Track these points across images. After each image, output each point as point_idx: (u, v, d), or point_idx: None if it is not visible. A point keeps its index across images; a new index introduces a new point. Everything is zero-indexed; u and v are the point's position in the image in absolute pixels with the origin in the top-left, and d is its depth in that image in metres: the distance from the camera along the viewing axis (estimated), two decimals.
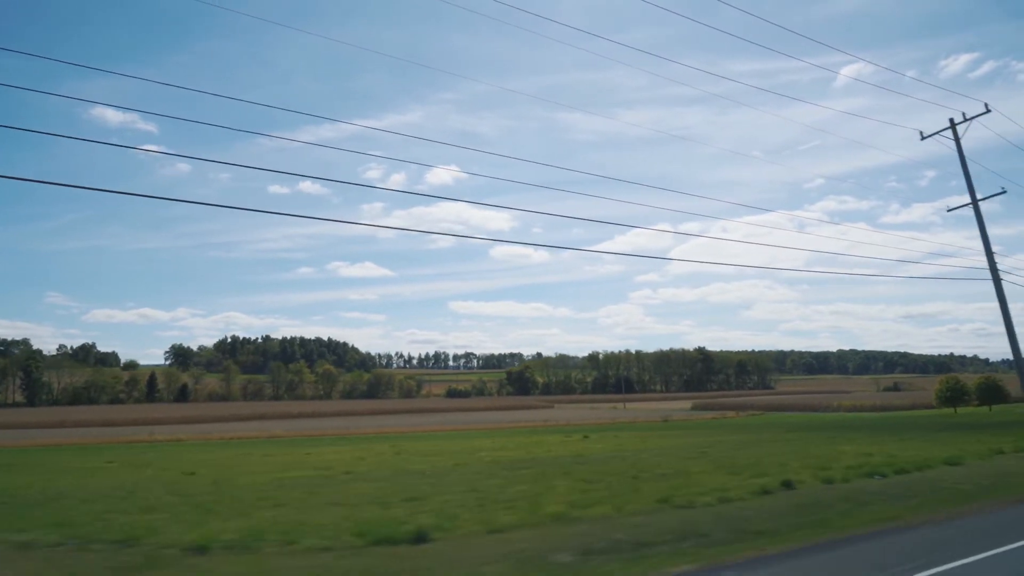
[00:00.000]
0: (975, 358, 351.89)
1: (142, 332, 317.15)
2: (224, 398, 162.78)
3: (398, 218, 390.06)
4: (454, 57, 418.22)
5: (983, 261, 22.89)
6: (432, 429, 64.68)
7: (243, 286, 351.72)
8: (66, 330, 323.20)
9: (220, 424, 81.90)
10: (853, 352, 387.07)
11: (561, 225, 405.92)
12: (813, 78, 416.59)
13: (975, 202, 23.47)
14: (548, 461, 19.82)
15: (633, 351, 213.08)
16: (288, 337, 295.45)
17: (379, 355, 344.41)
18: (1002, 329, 22.40)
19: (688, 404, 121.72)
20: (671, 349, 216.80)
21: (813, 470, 15.12)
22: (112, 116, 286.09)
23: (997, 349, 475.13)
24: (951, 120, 23.93)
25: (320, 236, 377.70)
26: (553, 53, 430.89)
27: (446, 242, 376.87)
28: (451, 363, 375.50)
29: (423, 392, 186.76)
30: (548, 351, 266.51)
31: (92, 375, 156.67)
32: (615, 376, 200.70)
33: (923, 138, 24.52)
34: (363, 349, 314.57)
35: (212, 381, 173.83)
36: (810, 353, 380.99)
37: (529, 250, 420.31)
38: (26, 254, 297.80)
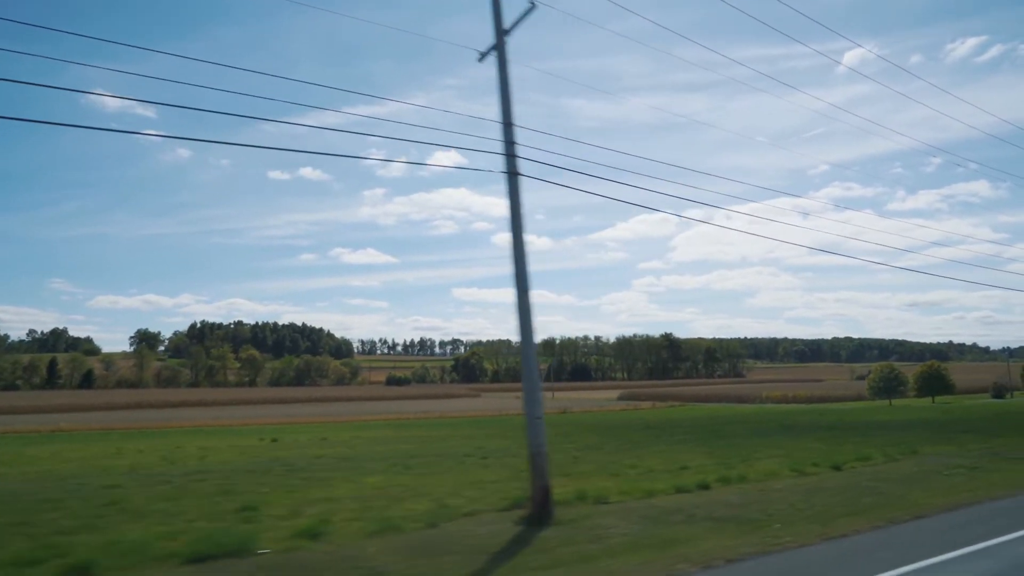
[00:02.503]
0: (974, 346, 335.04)
1: (147, 319, 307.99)
2: (134, 385, 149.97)
3: (399, 204, 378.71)
4: (457, 42, 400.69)
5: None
6: (251, 423, 53.33)
7: (247, 272, 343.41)
8: (71, 316, 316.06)
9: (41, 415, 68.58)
10: (848, 340, 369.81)
11: (562, 213, 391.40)
12: (816, 64, 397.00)
13: (500, 39, 9.14)
14: None
15: (592, 336, 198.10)
16: (259, 323, 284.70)
17: (361, 342, 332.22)
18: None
19: (615, 394, 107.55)
20: (634, 335, 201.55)
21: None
22: (110, 101, 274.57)
23: (1000, 337, 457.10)
24: None
25: (322, 223, 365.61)
26: (557, 38, 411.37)
27: (448, 228, 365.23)
28: (436, 350, 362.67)
29: (359, 379, 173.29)
30: (551, 338, 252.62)
31: None
32: (571, 363, 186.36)
33: None
34: (363, 336, 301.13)
35: (125, 366, 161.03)
36: (802, 341, 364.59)
37: (531, 236, 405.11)
38: (30, 241, 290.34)
